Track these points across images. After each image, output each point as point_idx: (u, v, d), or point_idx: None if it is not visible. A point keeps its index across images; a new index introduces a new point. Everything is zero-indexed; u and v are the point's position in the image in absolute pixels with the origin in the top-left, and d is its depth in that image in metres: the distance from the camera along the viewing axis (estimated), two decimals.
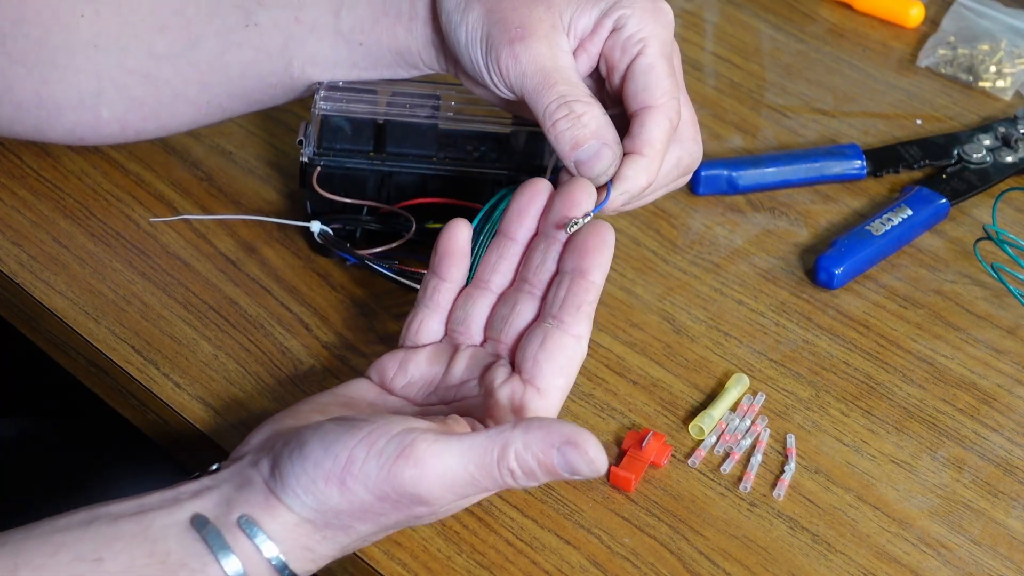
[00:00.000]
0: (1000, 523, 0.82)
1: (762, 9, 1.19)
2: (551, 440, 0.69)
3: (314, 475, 0.70)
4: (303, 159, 0.91)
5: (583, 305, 0.78)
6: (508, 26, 0.82)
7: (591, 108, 0.81)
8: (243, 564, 0.70)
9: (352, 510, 0.70)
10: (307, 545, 0.71)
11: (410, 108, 0.93)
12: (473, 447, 0.69)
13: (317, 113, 0.91)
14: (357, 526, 0.71)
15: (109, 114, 0.92)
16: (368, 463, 0.69)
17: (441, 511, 0.72)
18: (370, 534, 0.72)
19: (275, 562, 0.70)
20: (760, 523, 0.81)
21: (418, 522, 0.73)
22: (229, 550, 0.70)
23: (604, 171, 0.80)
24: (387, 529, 0.73)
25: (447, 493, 0.70)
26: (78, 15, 0.89)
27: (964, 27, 1.17)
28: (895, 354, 0.92)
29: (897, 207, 0.99)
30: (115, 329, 0.89)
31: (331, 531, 0.71)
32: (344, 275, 0.94)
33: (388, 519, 0.71)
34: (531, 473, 0.70)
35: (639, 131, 0.81)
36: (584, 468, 0.69)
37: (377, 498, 0.69)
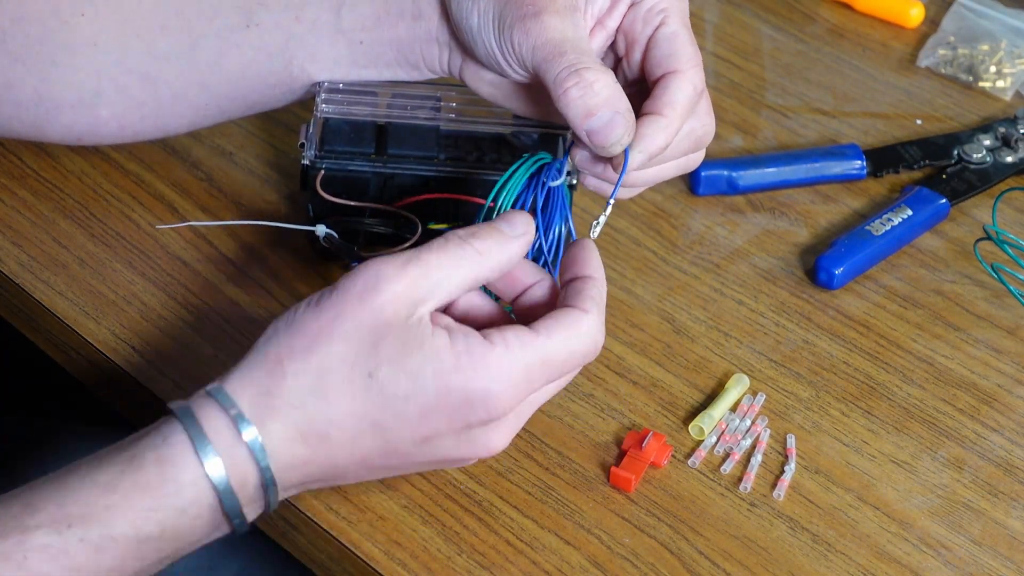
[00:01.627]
0: (1000, 523, 0.82)
1: (762, 9, 1.19)
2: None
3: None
4: (305, 162, 0.91)
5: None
6: (521, 4, 0.81)
7: (603, 75, 0.79)
8: (213, 438, 0.70)
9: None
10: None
11: (411, 110, 0.93)
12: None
13: (318, 115, 0.91)
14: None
15: (108, 113, 0.92)
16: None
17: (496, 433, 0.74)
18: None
19: (253, 446, 0.71)
20: (760, 523, 0.81)
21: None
22: (195, 419, 0.70)
23: (618, 140, 0.78)
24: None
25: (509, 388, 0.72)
26: (79, 14, 0.89)
27: (964, 27, 1.17)
28: (895, 354, 0.92)
29: (897, 207, 0.99)
30: (115, 330, 0.89)
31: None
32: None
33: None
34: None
35: (661, 93, 0.81)
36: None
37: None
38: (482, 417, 0.72)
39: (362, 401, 0.72)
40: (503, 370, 0.72)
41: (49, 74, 0.90)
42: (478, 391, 0.72)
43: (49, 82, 0.90)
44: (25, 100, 0.91)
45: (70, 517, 0.69)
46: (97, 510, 0.69)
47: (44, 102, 0.91)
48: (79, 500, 0.69)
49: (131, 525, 0.69)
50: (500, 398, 0.72)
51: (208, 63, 0.91)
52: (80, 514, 0.69)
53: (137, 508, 0.69)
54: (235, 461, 0.71)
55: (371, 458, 0.73)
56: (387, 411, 0.72)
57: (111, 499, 0.69)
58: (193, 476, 0.70)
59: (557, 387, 0.77)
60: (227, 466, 0.70)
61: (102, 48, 0.90)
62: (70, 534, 0.68)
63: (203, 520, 0.71)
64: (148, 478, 0.70)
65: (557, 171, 0.81)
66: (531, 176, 0.82)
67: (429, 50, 0.89)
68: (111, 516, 0.69)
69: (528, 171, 0.82)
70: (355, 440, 0.72)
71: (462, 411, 0.72)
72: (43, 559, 0.68)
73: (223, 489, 0.70)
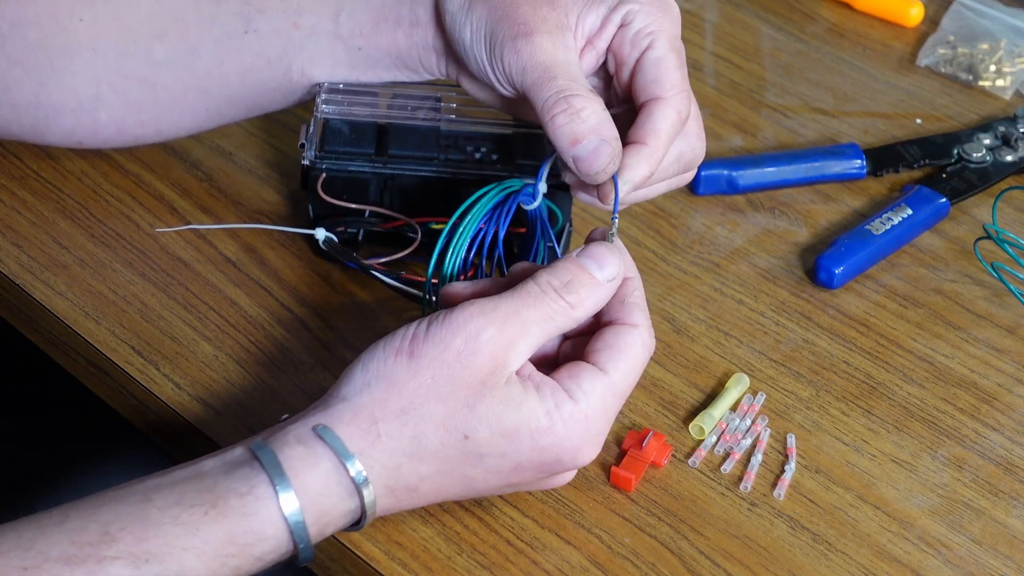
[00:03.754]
0: (1000, 522, 0.82)
1: (762, 9, 1.19)
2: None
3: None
4: (305, 162, 0.91)
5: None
6: (512, 23, 0.81)
7: (590, 103, 0.79)
8: (299, 489, 0.71)
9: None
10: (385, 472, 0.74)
11: (411, 110, 0.93)
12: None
13: (319, 116, 0.91)
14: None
15: (107, 118, 0.92)
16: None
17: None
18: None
19: (357, 478, 0.72)
20: (760, 523, 0.81)
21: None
22: (282, 470, 0.71)
23: (603, 168, 0.79)
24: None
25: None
26: (76, 19, 0.89)
27: (964, 26, 1.17)
28: (895, 353, 0.92)
29: (897, 206, 0.99)
30: (115, 330, 0.89)
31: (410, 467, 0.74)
32: (345, 276, 0.94)
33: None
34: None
35: (644, 121, 0.81)
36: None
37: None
38: (569, 467, 0.77)
39: (456, 461, 0.74)
40: (590, 426, 0.76)
41: (48, 79, 0.90)
42: (569, 449, 0.75)
43: (48, 87, 0.90)
44: (24, 104, 0.91)
45: (148, 553, 0.68)
46: (176, 551, 0.69)
47: (43, 106, 0.91)
48: (159, 537, 0.69)
49: (208, 569, 0.70)
50: (588, 451, 0.76)
51: (207, 69, 0.91)
52: (158, 552, 0.68)
53: (216, 554, 0.70)
54: (322, 510, 0.72)
55: (449, 498, 0.77)
56: (479, 467, 0.75)
57: (191, 541, 0.69)
58: (276, 530, 0.71)
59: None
60: (310, 516, 0.72)
61: (101, 54, 0.90)
62: (147, 569, 0.68)
63: (275, 563, 0.72)
64: (231, 527, 0.70)
65: (531, 195, 0.83)
66: (497, 204, 0.83)
67: (427, 56, 0.89)
68: (189, 558, 0.69)
69: (493, 199, 0.83)
70: (441, 490, 0.76)
71: (552, 465, 0.76)
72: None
73: (302, 540, 0.72)
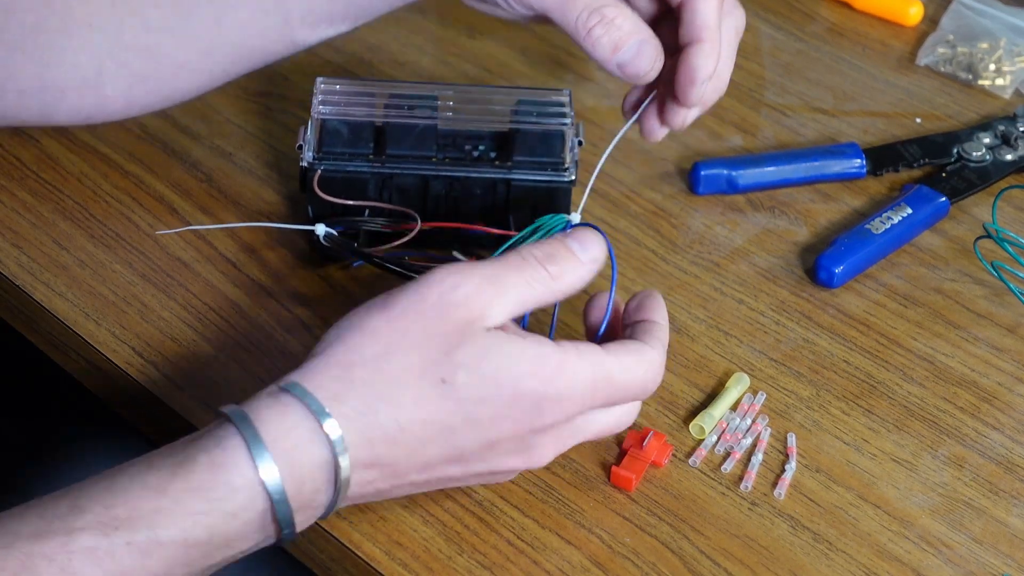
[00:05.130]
0: (1001, 521, 0.82)
1: (761, 8, 1.19)
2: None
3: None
4: (303, 163, 0.91)
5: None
6: None
7: (622, 9, 0.80)
8: (268, 438, 0.69)
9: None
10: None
11: (408, 109, 0.93)
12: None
13: (316, 117, 0.91)
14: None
15: (113, 91, 0.92)
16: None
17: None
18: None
19: (319, 414, 0.70)
20: (761, 522, 0.81)
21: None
22: (249, 421, 0.69)
23: (650, 67, 0.81)
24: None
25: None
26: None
27: (963, 25, 1.17)
28: (895, 353, 0.92)
29: (897, 206, 0.99)
30: (115, 331, 0.89)
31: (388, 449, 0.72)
32: (345, 276, 0.94)
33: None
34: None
35: (692, 17, 0.81)
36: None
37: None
38: (547, 422, 0.74)
39: (435, 407, 0.72)
40: (576, 376, 0.74)
41: (50, 60, 0.90)
42: (551, 395, 0.73)
43: (51, 68, 0.91)
44: (29, 88, 0.91)
45: (117, 520, 0.67)
46: (145, 513, 0.67)
47: (48, 88, 0.91)
48: (127, 502, 0.67)
49: (180, 529, 0.67)
50: (571, 402, 0.74)
51: (206, 29, 0.91)
52: (127, 517, 0.67)
53: (187, 512, 0.68)
54: (294, 463, 0.70)
55: (432, 464, 0.73)
56: (458, 415, 0.72)
57: (160, 502, 0.68)
58: (246, 480, 0.69)
59: (609, 423, 0.78)
60: (283, 470, 0.69)
61: (98, 28, 0.90)
62: (116, 536, 0.66)
63: (253, 526, 0.70)
64: (199, 481, 0.68)
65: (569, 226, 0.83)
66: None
67: None
68: (159, 519, 0.67)
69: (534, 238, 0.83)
70: (422, 445, 0.73)
71: (531, 415, 0.73)
72: (88, 562, 0.66)
73: (277, 494, 0.69)
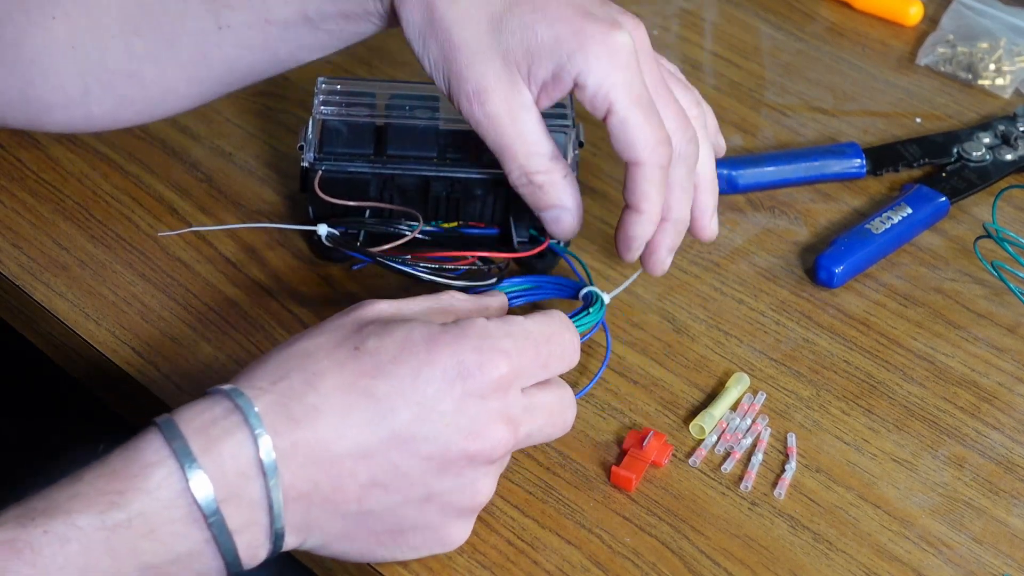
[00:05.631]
0: (1001, 521, 0.82)
1: (761, 8, 1.19)
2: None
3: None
4: (304, 164, 0.91)
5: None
6: (465, 86, 0.82)
7: (549, 175, 0.84)
8: (181, 419, 0.68)
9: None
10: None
11: (409, 110, 0.93)
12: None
13: (317, 117, 0.91)
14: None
15: (99, 110, 0.91)
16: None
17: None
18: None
19: (233, 393, 0.69)
20: (761, 522, 0.81)
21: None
22: (167, 415, 0.68)
23: (566, 232, 0.86)
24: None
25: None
26: (49, 17, 0.89)
27: (963, 25, 1.17)
28: (895, 352, 0.92)
29: (897, 205, 0.99)
30: (115, 331, 0.89)
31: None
32: (345, 276, 0.94)
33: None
34: None
35: (632, 187, 0.84)
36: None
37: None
38: (476, 376, 0.71)
39: (351, 370, 0.70)
40: (489, 328, 0.73)
41: (33, 77, 0.89)
42: (468, 342, 0.72)
43: (35, 85, 0.90)
44: (14, 101, 0.91)
45: (34, 511, 0.66)
46: (60, 500, 0.66)
47: (32, 103, 0.91)
48: (44, 496, 0.66)
49: (96, 511, 0.66)
50: (492, 353, 0.72)
51: (191, 60, 0.90)
52: (44, 507, 0.66)
53: (101, 492, 0.66)
54: (203, 428, 0.68)
55: (369, 448, 0.70)
56: (378, 375, 0.70)
57: (75, 488, 0.66)
58: (160, 457, 0.67)
59: (550, 403, 0.76)
60: (195, 442, 0.67)
61: (80, 50, 0.89)
62: (33, 527, 0.65)
63: (176, 511, 0.67)
64: (114, 465, 0.67)
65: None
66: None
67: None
68: (74, 504, 0.66)
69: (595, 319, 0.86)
70: (347, 412, 0.70)
71: (454, 381, 0.71)
72: (7, 555, 0.64)
73: (183, 453, 0.67)
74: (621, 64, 0.81)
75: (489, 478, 0.74)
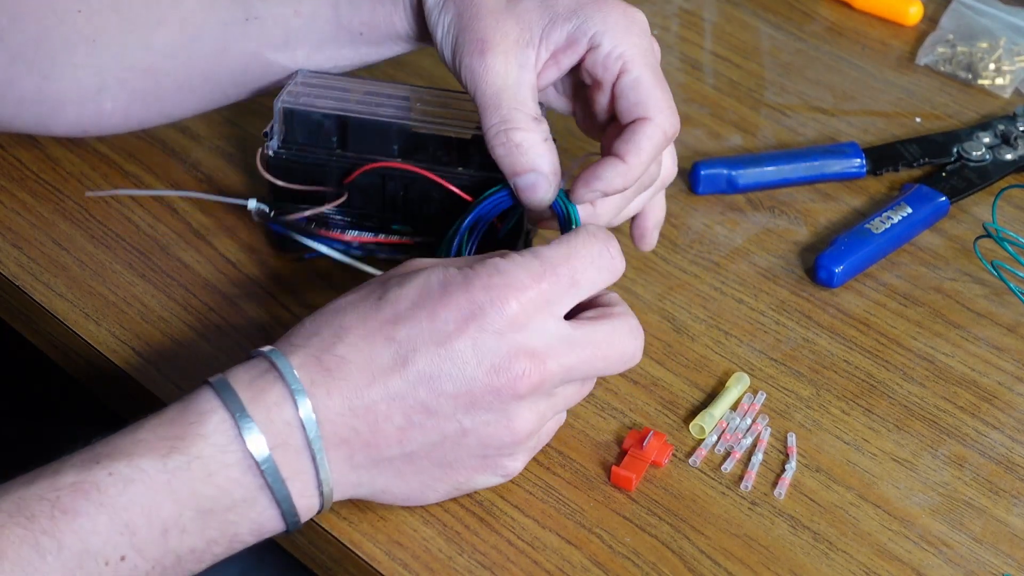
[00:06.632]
0: (1001, 520, 0.82)
1: (761, 8, 1.19)
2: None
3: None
4: (268, 152, 0.91)
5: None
6: (472, 37, 0.83)
7: (529, 135, 0.82)
8: (233, 376, 0.73)
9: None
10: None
11: (376, 107, 0.92)
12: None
13: (279, 106, 0.91)
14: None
15: (112, 106, 0.92)
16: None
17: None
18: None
19: (272, 354, 0.72)
20: (761, 522, 0.81)
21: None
22: (220, 374, 0.73)
23: (540, 199, 0.83)
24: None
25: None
26: (74, 11, 0.90)
27: (963, 25, 1.17)
28: (895, 352, 0.92)
29: (897, 205, 0.99)
30: (115, 331, 0.89)
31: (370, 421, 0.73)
32: (345, 277, 0.93)
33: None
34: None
35: (629, 137, 0.82)
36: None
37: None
38: (488, 313, 0.73)
39: (373, 319, 0.73)
40: (500, 265, 0.74)
41: (50, 72, 0.90)
42: (479, 280, 0.73)
43: (51, 80, 0.91)
44: (28, 97, 0.91)
45: (98, 456, 0.70)
46: (124, 445, 0.70)
47: (47, 99, 0.91)
48: (107, 443, 0.71)
49: (158, 455, 0.70)
50: (502, 289, 0.74)
51: (210, 55, 0.91)
52: (107, 452, 0.70)
53: (162, 436, 0.71)
54: (254, 387, 0.72)
55: (398, 390, 0.73)
56: (398, 321, 0.73)
57: (136, 435, 0.71)
58: (212, 406, 0.71)
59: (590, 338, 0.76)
60: (243, 392, 0.72)
61: (101, 44, 0.90)
62: (98, 469, 0.69)
63: (233, 459, 0.71)
64: (172, 414, 0.72)
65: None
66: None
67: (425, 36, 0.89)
68: (136, 448, 0.70)
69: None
70: (372, 358, 0.73)
71: (468, 320, 0.73)
72: (75, 496, 0.68)
73: (232, 401, 0.71)
74: (637, 32, 0.83)
75: (525, 412, 0.75)
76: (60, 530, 0.67)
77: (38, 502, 0.68)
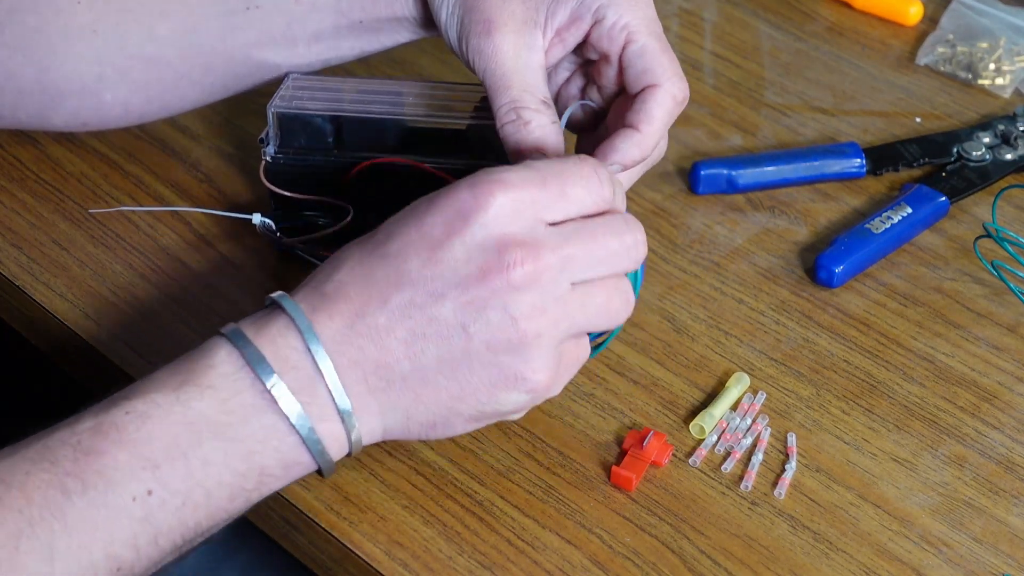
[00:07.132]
0: (1001, 520, 0.82)
1: (761, 8, 1.19)
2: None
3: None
4: (266, 158, 0.91)
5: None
6: (479, 17, 0.83)
7: (538, 115, 0.82)
8: (245, 322, 0.74)
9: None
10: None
11: (369, 104, 0.92)
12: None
13: (272, 111, 0.91)
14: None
15: (112, 98, 0.92)
16: None
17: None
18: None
19: (282, 298, 0.74)
20: (761, 522, 0.81)
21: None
22: (233, 325, 0.74)
23: None
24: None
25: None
26: (75, 2, 0.90)
27: (963, 25, 1.17)
28: (895, 352, 0.92)
29: (897, 205, 0.99)
30: (115, 331, 0.89)
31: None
32: None
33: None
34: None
35: (640, 106, 0.82)
36: None
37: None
38: (473, 210, 0.73)
39: (367, 245, 0.75)
40: (490, 169, 0.74)
41: (50, 63, 0.90)
42: (465, 182, 0.73)
43: (51, 71, 0.91)
44: (28, 89, 0.91)
45: (115, 400, 0.71)
46: (138, 387, 0.72)
47: (47, 90, 0.91)
48: (122, 389, 0.72)
49: (171, 388, 0.71)
50: (487, 184, 0.73)
51: (211, 45, 0.91)
52: (123, 395, 0.72)
53: (173, 372, 0.72)
54: (259, 324, 0.73)
55: (396, 302, 0.73)
56: (388, 239, 0.74)
57: (150, 378, 0.72)
58: (218, 343, 0.73)
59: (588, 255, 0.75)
60: (251, 330, 0.73)
61: (101, 35, 0.90)
62: (116, 410, 0.70)
63: (243, 385, 0.71)
64: (186, 356, 0.73)
65: None
66: None
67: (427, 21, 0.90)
68: (150, 386, 0.72)
69: None
70: (367, 276, 0.73)
71: (452, 209, 0.73)
72: (94, 437, 0.69)
73: (241, 342, 0.72)
74: (643, 4, 0.83)
75: (525, 306, 0.73)
76: (83, 471, 0.68)
77: (60, 447, 0.69)
